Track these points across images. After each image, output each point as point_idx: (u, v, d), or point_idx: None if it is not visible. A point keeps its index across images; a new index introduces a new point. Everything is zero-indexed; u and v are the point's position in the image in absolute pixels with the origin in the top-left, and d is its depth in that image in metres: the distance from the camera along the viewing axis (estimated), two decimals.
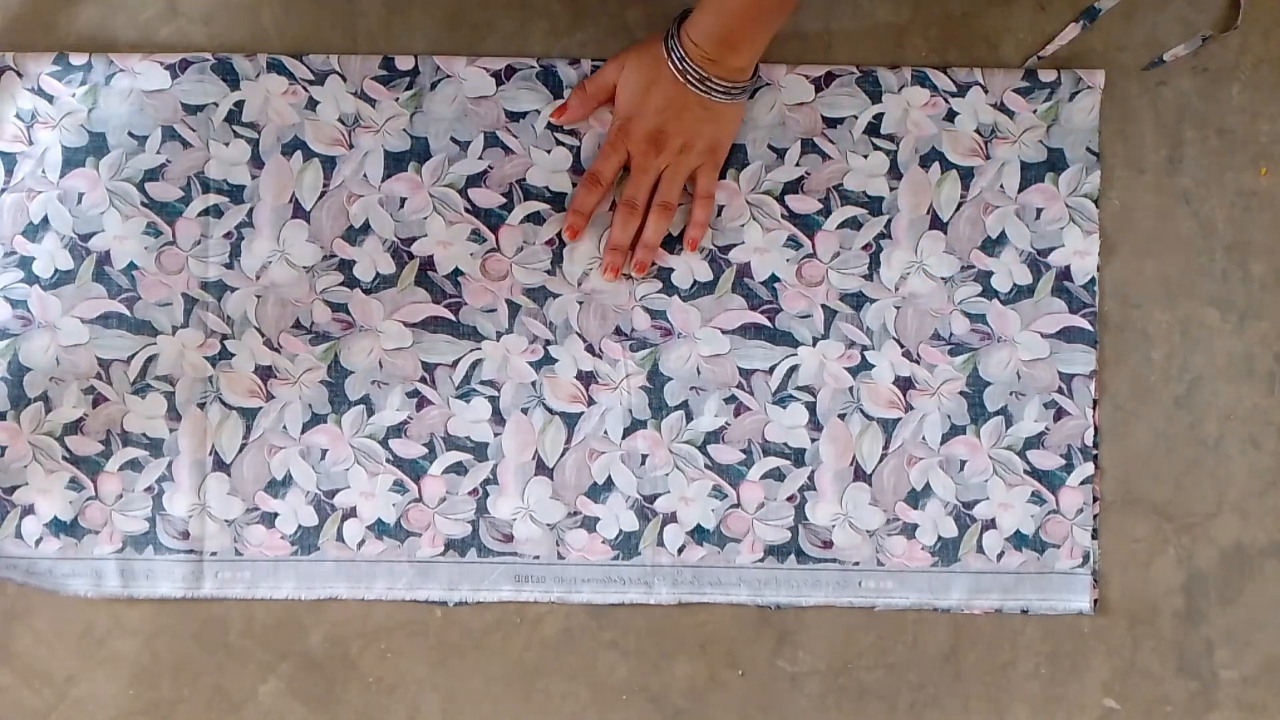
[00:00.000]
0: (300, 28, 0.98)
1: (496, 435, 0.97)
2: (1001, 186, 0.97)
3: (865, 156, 0.97)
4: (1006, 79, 0.97)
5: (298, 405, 0.97)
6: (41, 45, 0.97)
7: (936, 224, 0.97)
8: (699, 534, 0.97)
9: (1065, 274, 0.97)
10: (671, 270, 0.97)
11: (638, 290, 0.97)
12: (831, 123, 0.97)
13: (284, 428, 0.96)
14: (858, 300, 0.97)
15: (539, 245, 0.97)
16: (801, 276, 0.97)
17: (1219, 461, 0.97)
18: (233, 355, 0.96)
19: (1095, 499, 0.97)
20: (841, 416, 0.97)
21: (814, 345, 0.97)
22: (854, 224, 0.97)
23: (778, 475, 0.97)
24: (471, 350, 0.97)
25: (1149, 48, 0.98)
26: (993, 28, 0.98)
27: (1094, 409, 0.97)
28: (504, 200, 0.97)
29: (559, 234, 0.97)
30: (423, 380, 0.97)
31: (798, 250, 0.97)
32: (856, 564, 0.97)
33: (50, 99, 0.96)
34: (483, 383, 0.97)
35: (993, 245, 0.97)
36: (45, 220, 0.96)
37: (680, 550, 0.97)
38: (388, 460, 0.97)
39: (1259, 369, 0.97)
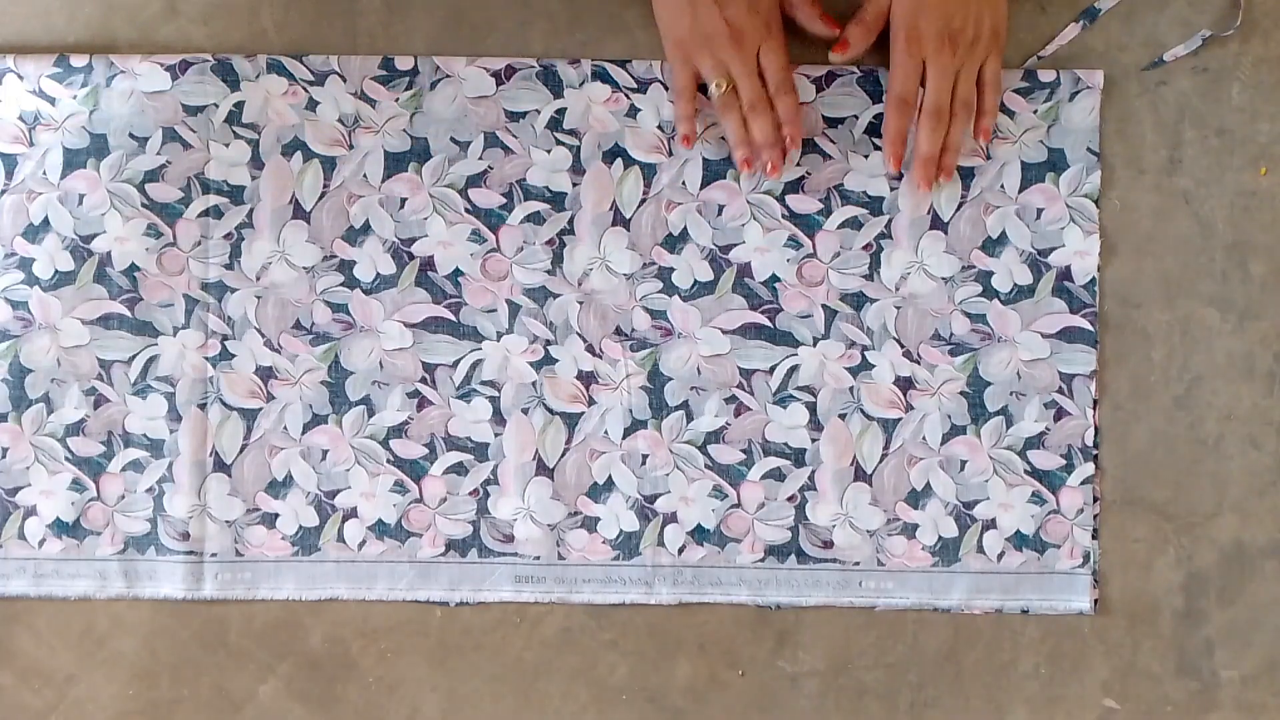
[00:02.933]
0: (300, 28, 0.98)
1: (497, 435, 0.97)
2: (1002, 186, 0.97)
3: (866, 156, 0.97)
4: (1006, 79, 0.97)
5: (298, 406, 0.97)
6: (41, 44, 0.97)
7: (937, 224, 0.97)
8: (699, 534, 0.97)
9: (1065, 274, 0.97)
10: (672, 270, 0.97)
11: (638, 290, 0.97)
12: (832, 122, 0.97)
13: (284, 428, 0.97)
14: (858, 300, 0.97)
15: (539, 245, 0.97)
16: (802, 276, 0.97)
17: (1219, 461, 0.97)
18: (233, 356, 0.97)
19: (1096, 499, 0.97)
20: (842, 416, 0.97)
21: (814, 345, 0.97)
22: (854, 224, 0.97)
23: (778, 475, 0.97)
24: (472, 350, 0.97)
25: (1149, 48, 0.98)
26: None
27: (1094, 409, 0.97)
28: (504, 200, 0.97)
29: (559, 234, 0.97)
30: (423, 381, 0.97)
31: (798, 250, 0.97)
32: (857, 564, 0.97)
33: (52, 101, 0.96)
34: (483, 383, 0.97)
35: (993, 245, 0.97)
36: (46, 222, 0.96)
37: (681, 550, 0.97)
38: (388, 461, 0.97)
39: (1259, 369, 0.97)
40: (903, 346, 0.97)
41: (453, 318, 0.97)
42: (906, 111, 0.94)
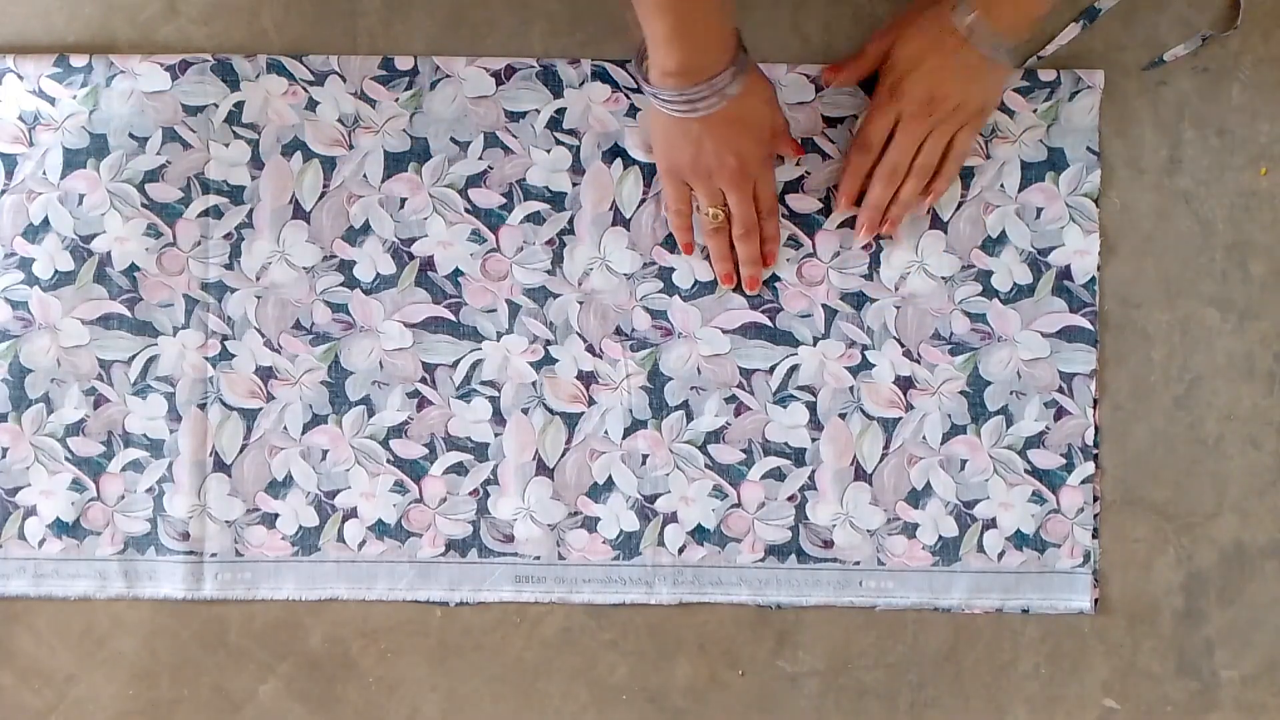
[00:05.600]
0: (300, 28, 0.98)
1: (497, 435, 0.97)
2: (1002, 186, 0.97)
3: None
4: (1006, 79, 0.97)
5: (298, 406, 0.97)
6: (41, 44, 0.98)
7: (937, 223, 0.97)
8: (699, 534, 0.97)
9: (1065, 273, 0.97)
10: (672, 270, 0.97)
11: (638, 290, 0.97)
12: (832, 122, 0.97)
13: (284, 428, 0.97)
14: (858, 300, 0.97)
15: (539, 245, 0.97)
16: (802, 276, 0.97)
17: (1219, 461, 0.97)
18: (233, 356, 0.97)
19: (1096, 498, 0.97)
20: (842, 416, 0.97)
21: (814, 345, 0.97)
22: (855, 223, 0.97)
23: (778, 475, 0.97)
24: (472, 350, 0.97)
25: (1149, 48, 0.98)
26: None
27: (1094, 408, 0.97)
28: (504, 200, 0.97)
29: (559, 234, 0.97)
30: (423, 381, 0.97)
31: (798, 250, 0.97)
32: (857, 563, 0.97)
33: (52, 101, 0.96)
34: (483, 383, 0.97)
35: (993, 244, 0.97)
36: (46, 222, 0.96)
37: (681, 550, 0.97)
38: (388, 461, 0.97)
39: (1259, 369, 0.97)
40: (903, 346, 0.97)
41: (453, 318, 0.97)
42: (865, 152, 0.94)
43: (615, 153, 0.97)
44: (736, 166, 0.90)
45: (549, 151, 0.97)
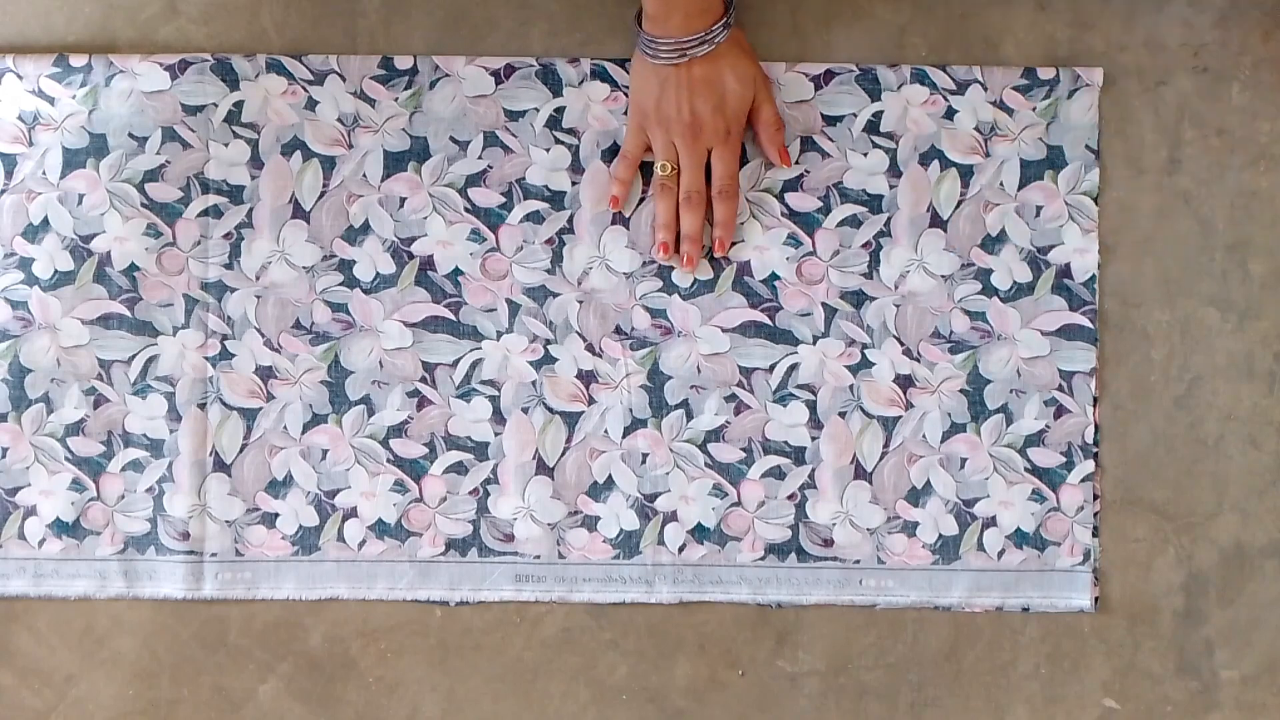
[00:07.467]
0: (300, 28, 0.98)
1: (497, 435, 0.97)
2: (1001, 184, 0.97)
3: (865, 154, 0.97)
4: (1006, 77, 0.97)
5: (298, 405, 0.97)
6: (41, 44, 0.98)
7: (936, 222, 0.97)
8: (699, 533, 0.97)
9: (1065, 271, 0.97)
10: (671, 269, 0.97)
11: (638, 289, 0.97)
12: (831, 120, 0.97)
13: (284, 428, 0.97)
14: (858, 298, 0.97)
15: (539, 245, 0.97)
16: (801, 274, 0.97)
17: (1219, 461, 0.97)
18: (233, 356, 0.97)
19: (1096, 496, 0.97)
20: (842, 415, 0.97)
21: (814, 343, 0.97)
22: (854, 222, 0.97)
23: (778, 473, 0.97)
24: (472, 350, 0.97)
25: (1149, 48, 0.98)
26: (993, 28, 0.98)
27: (1094, 406, 0.97)
28: (504, 200, 0.97)
29: (558, 233, 0.97)
30: (423, 380, 0.97)
31: (798, 248, 0.97)
32: (857, 562, 0.97)
33: (51, 100, 0.96)
34: (483, 382, 0.97)
35: (992, 243, 0.97)
36: (45, 221, 0.96)
37: (681, 549, 0.97)
38: (388, 460, 0.97)
39: (1259, 369, 0.97)
40: (903, 344, 0.97)
41: (453, 317, 0.97)
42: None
43: (615, 152, 0.97)
44: (690, 122, 0.92)
45: (548, 150, 0.97)
